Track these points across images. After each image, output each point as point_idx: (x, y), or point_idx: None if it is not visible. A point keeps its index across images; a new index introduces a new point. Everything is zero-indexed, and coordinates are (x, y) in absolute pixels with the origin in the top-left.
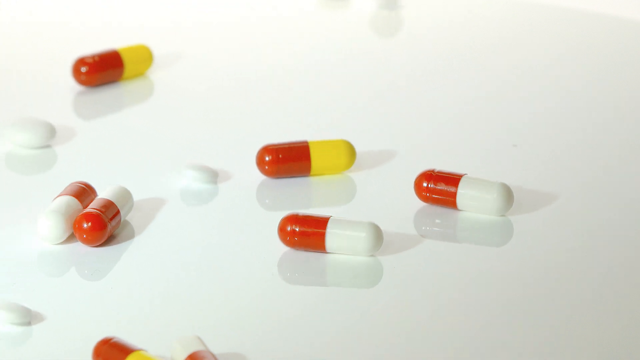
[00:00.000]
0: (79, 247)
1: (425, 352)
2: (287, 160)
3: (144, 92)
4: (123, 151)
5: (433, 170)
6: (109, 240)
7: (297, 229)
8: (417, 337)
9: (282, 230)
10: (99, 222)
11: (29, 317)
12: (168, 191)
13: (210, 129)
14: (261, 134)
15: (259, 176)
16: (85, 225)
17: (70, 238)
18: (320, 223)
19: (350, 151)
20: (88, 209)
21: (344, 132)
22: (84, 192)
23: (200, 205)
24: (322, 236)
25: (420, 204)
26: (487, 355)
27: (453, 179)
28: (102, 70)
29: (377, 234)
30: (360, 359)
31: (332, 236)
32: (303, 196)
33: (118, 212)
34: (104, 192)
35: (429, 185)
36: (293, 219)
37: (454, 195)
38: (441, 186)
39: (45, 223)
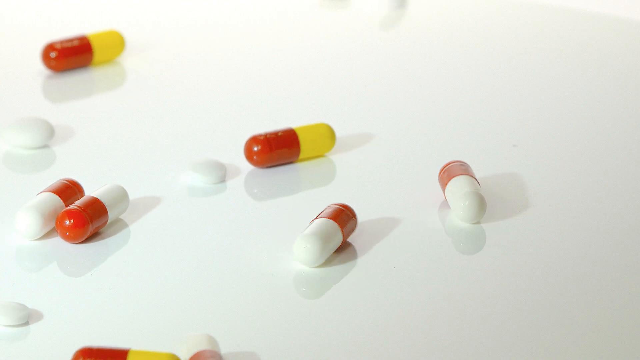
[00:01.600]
0: (79, 245)
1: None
2: (278, 148)
3: (115, 78)
4: (105, 142)
5: (454, 161)
6: (98, 237)
7: None
8: (420, 335)
9: None
10: (79, 219)
11: (25, 319)
12: (159, 187)
13: (188, 120)
14: (239, 123)
15: (242, 166)
16: (66, 222)
17: (51, 234)
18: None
19: (332, 134)
20: (70, 206)
21: (327, 121)
22: (67, 189)
23: (189, 201)
24: None
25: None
26: None
27: (451, 175)
28: (71, 55)
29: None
30: (359, 358)
31: None
32: (291, 182)
33: (104, 210)
34: (95, 191)
35: (443, 172)
36: None
37: (444, 189)
38: (444, 176)
39: (22, 219)
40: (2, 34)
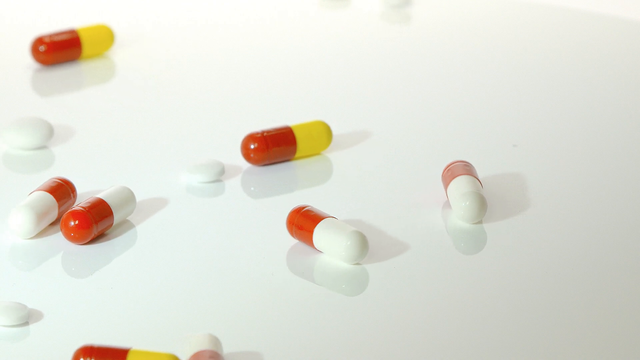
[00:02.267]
0: (79, 245)
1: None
2: (275, 146)
3: (104, 72)
4: (104, 142)
5: (457, 161)
6: (99, 237)
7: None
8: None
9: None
10: (84, 220)
11: (25, 319)
12: (158, 187)
13: (187, 120)
14: (239, 123)
15: (239, 164)
16: (71, 223)
17: (43, 233)
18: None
19: (328, 131)
20: (76, 207)
21: (326, 120)
22: (60, 188)
23: (188, 200)
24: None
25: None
26: None
27: (454, 175)
28: (60, 49)
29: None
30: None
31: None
32: (288, 180)
33: (110, 211)
34: (102, 192)
35: (446, 171)
36: None
37: (446, 188)
38: (447, 176)
39: (15, 217)
40: None
